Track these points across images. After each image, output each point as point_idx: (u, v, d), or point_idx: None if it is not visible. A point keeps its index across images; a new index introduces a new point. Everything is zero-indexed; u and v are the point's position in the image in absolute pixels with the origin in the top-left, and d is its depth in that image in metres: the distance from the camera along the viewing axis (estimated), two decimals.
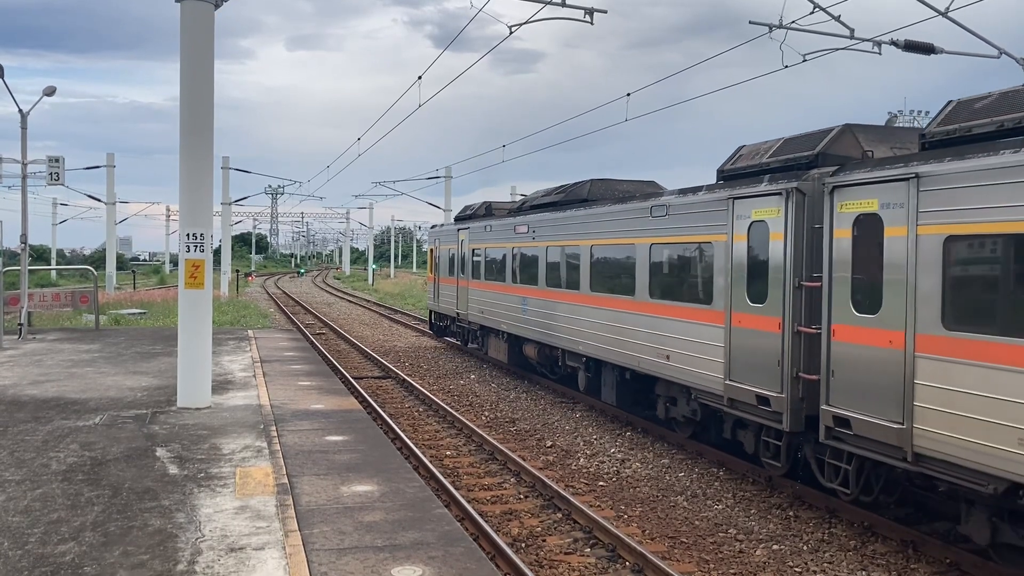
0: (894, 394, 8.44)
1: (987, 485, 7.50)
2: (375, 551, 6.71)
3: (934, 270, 8.05)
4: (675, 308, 12.57)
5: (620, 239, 14.37)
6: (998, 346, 7.29)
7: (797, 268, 10.01)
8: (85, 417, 11.52)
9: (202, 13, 11.96)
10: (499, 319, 20.66)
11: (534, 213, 18.85)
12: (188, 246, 12.12)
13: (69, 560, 6.31)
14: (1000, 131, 8.01)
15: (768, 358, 10.35)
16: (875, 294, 8.79)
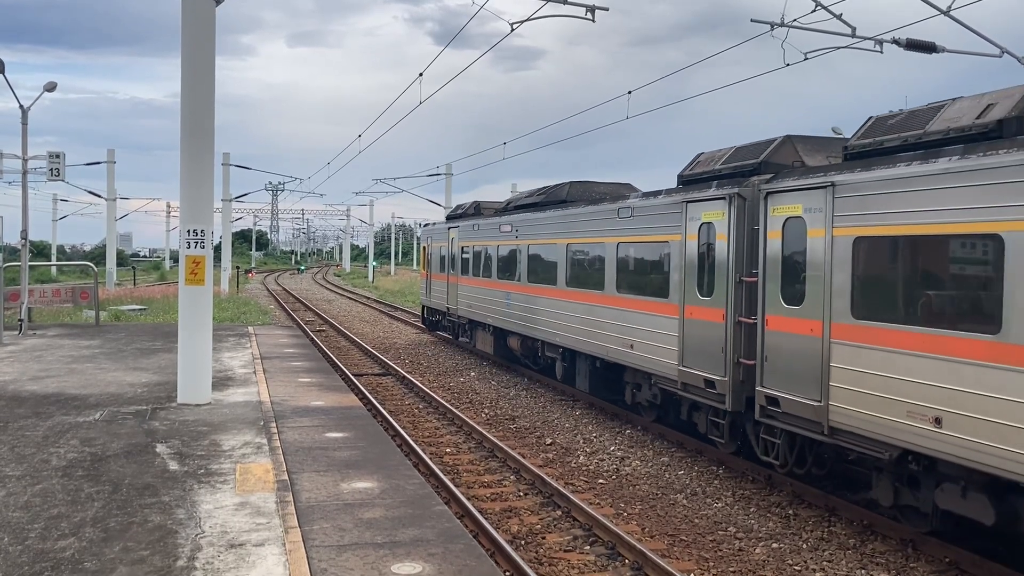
0: (813, 375, 9.57)
1: (885, 453, 8.72)
2: (375, 548, 6.71)
3: (846, 267, 9.15)
4: (638, 301, 13.72)
5: (592, 238, 15.50)
6: (896, 333, 8.47)
7: (738, 265, 11.12)
8: (85, 413, 11.52)
9: (203, 9, 11.95)
10: (485, 313, 21.70)
11: (518, 213, 19.93)
12: (189, 242, 12.12)
13: (69, 556, 6.31)
14: (903, 146, 9.07)
15: (714, 346, 11.47)
16: (800, 288, 9.90)
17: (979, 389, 7.54)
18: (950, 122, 8.71)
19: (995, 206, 7.46)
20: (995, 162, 7.50)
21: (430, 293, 27.84)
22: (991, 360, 7.42)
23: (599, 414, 15.89)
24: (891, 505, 9.11)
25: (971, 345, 7.60)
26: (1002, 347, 7.29)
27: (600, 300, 15.05)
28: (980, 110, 8.47)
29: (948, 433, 7.84)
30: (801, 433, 9.85)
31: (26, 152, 22.11)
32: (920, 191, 8.28)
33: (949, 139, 8.60)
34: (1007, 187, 7.32)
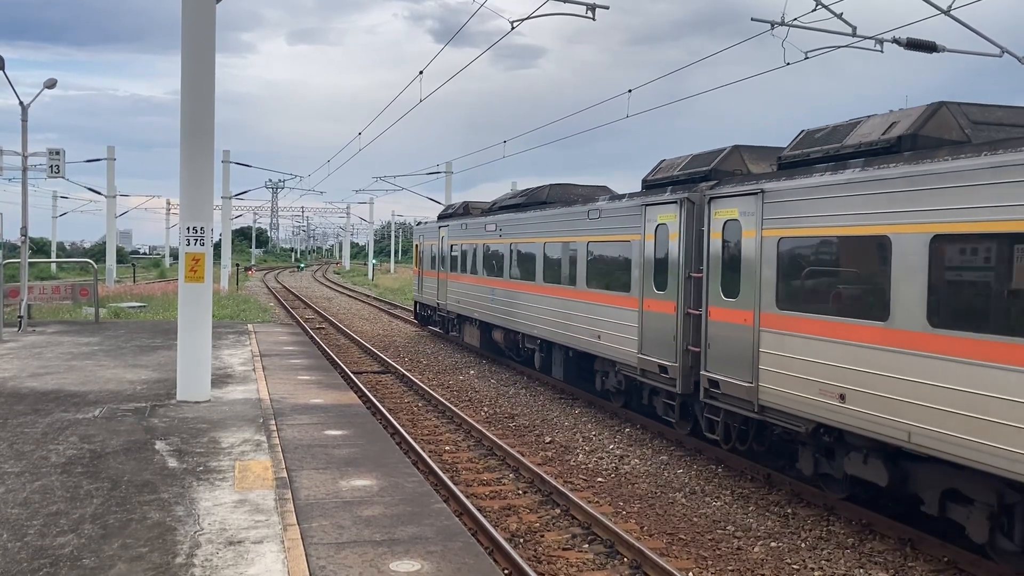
0: (746, 360, 10.81)
1: (802, 426, 9.91)
2: (374, 545, 6.72)
3: (772, 263, 10.37)
4: (604, 296, 15.00)
5: (566, 237, 16.76)
6: (810, 321, 9.72)
7: (687, 262, 12.37)
8: (84, 410, 11.53)
9: (203, 6, 11.94)
10: (472, 308, 22.93)
11: (502, 213, 21.16)
12: (188, 240, 12.12)
13: (68, 552, 6.32)
14: (824, 157, 10.17)
15: (667, 335, 12.77)
16: (736, 282, 11.11)
17: (872, 369, 8.76)
18: (862, 137, 9.79)
19: (885, 212, 8.67)
20: (886, 174, 8.71)
21: (422, 289, 29.01)
22: (881, 344, 8.67)
23: (598, 412, 15.90)
24: (812, 474, 10.30)
25: (867, 331, 8.85)
26: (890, 332, 8.56)
27: (572, 295, 16.30)
28: (886, 127, 9.54)
29: (850, 408, 9.06)
30: (737, 411, 11.15)
31: (26, 149, 22.10)
32: (830, 198, 9.50)
33: (859, 152, 9.66)
34: (895, 195, 8.55)
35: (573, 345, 16.28)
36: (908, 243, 8.35)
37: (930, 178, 8.17)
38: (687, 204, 12.37)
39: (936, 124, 9.06)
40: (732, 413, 11.33)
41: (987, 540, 8.02)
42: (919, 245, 8.22)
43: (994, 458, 7.39)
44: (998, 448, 7.34)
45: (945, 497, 8.52)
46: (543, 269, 17.85)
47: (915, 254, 8.27)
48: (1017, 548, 7.75)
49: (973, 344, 7.62)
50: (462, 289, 24.00)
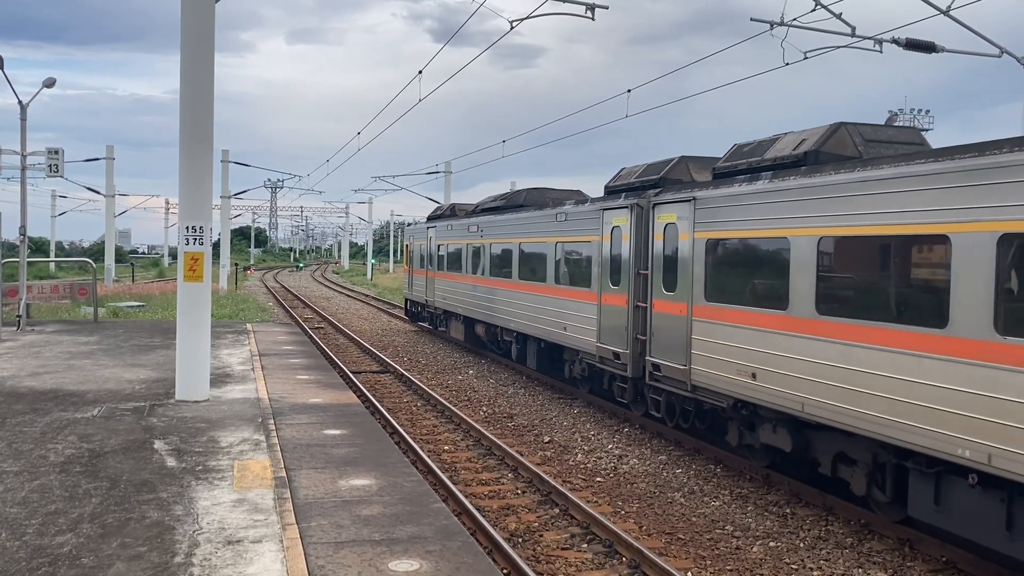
0: (681, 345, 12.29)
1: (724, 402, 11.42)
2: (372, 545, 6.72)
3: (701, 261, 11.89)
4: (570, 291, 16.46)
5: (538, 238, 18.28)
6: (729, 311, 11.21)
7: (637, 261, 13.79)
8: (83, 409, 11.52)
9: (203, 6, 11.94)
10: (457, 304, 24.41)
11: (483, 215, 22.61)
12: (187, 239, 12.11)
13: (67, 551, 6.32)
14: (747, 169, 11.53)
15: (620, 325, 14.22)
16: (674, 278, 12.64)
17: (775, 350, 10.23)
18: (777, 152, 11.06)
19: (786, 217, 10.10)
20: (787, 185, 10.15)
21: (412, 287, 30.60)
22: (782, 329, 10.15)
23: (597, 412, 15.90)
24: (737, 444, 11.70)
25: (771, 318, 10.32)
26: (788, 319, 10.02)
27: (542, 290, 17.88)
28: (797, 143, 10.82)
29: (760, 384, 10.52)
30: (675, 392, 12.64)
31: (25, 148, 22.08)
32: (746, 205, 10.96)
33: (774, 165, 10.97)
34: (793, 204, 10.01)
35: (544, 337, 17.80)
36: (802, 244, 9.82)
37: (818, 189, 9.61)
38: (636, 209, 13.84)
39: (835, 142, 10.41)
40: (672, 393, 12.91)
41: (865, 492, 9.38)
42: (810, 245, 9.70)
43: (869, 424, 8.75)
44: (871, 415, 8.71)
45: (836, 459, 9.90)
46: (518, 267, 19.41)
47: (807, 253, 9.73)
48: (887, 499, 9.09)
49: (847, 328, 9.11)
50: (448, 287, 25.33)
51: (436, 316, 27.39)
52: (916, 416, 8.17)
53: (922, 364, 8.12)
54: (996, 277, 7.43)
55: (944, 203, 7.97)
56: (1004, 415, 7.26)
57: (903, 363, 8.35)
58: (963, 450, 7.66)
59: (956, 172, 7.89)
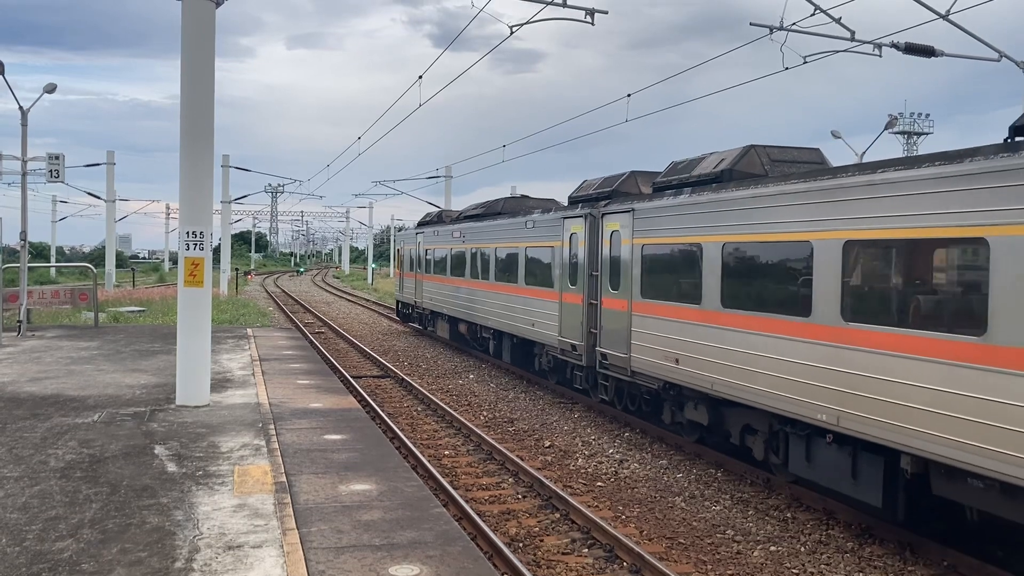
0: (624, 337, 14.01)
1: (655, 384, 13.26)
2: (373, 550, 6.71)
3: (639, 264, 13.61)
4: (537, 291, 18.26)
5: (511, 243, 20.10)
6: (659, 305, 12.97)
7: (590, 263, 15.49)
8: (84, 414, 11.52)
9: (203, 11, 11.96)
10: (442, 304, 26.14)
11: (466, 222, 24.33)
12: (188, 244, 12.12)
13: (67, 557, 6.31)
14: (677, 184, 13.23)
15: (577, 320, 15.96)
16: (618, 278, 14.39)
17: (692, 339, 11.98)
18: (702, 169, 12.68)
19: (699, 226, 11.93)
20: (699, 199, 12.00)
21: (402, 289, 32.46)
22: (697, 320, 11.90)
23: (598, 417, 15.89)
24: (670, 422, 13.42)
25: (689, 311, 12.10)
26: (702, 312, 11.81)
27: (514, 291, 19.68)
28: (717, 163, 12.37)
29: (682, 368, 12.26)
30: (619, 377, 14.41)
31: (25, 153, 22.10)
32: (671, 215, 12.72)
33: (697, 181, 12.67)
34: (703, 215, 11.82)
35: (516, 333, 19.62)
36: (711, 248, 11.58)
37: (723, 203, 11.40)
38: (589, 218, 15.58)
39: (747, 162, 11.97)
40: (617, 379, 14.74)
41: (763, 457, 11.08)
42: (716, 250, 11.44)
43: (761, 398, 10.38)
44: (762, 390, 10.34)
45: (743, 431, 11.52)
46: (494, 270, 21.24)
47: (715, 256, 11.48)
48: (780, 461, 10.65)
49: (745, 318, 10.74)
50: (435, 288, 27.08)
51: (424, 316, 29.11)
52: (790, 389, 9.87)
53: (794, 346, 9.84)
54: (842, 275, 9.14)
55: (807, 216, 9.71)
56: (848, 385, 8.99)
57: (782, 346, 10.06)
58: (821, 415, 9.40)
59: (815, 191, 9.61)
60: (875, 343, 8.64)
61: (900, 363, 8.33)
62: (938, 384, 7.90)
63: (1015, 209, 7.23)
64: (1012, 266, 7.20)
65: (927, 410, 7.98)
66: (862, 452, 9.15)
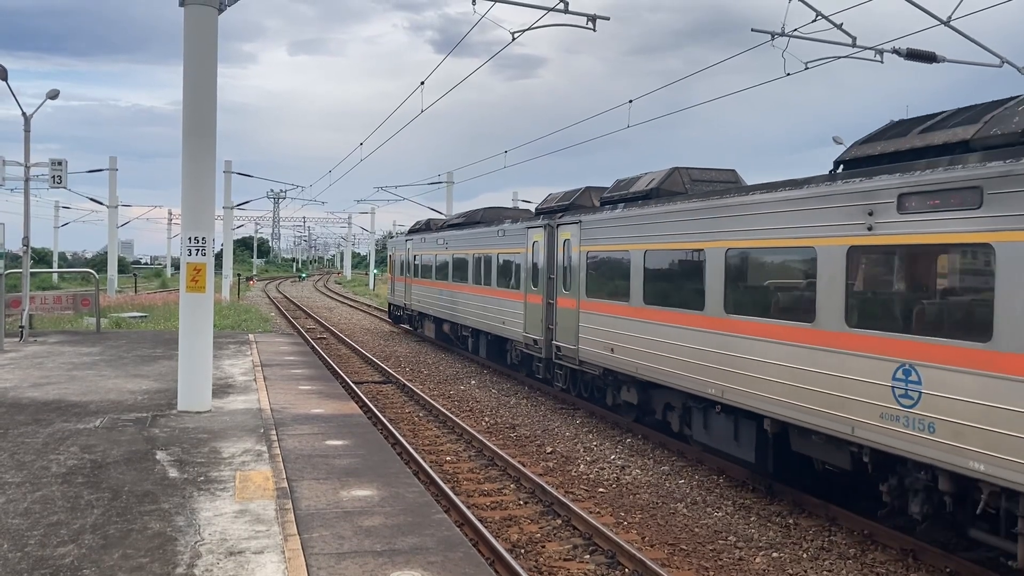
0: (573, 331, 16.20)
1: (597, 371, 15.34)
2: (374, 556, 6.70)
3: (584, 268, 15.85)
4: (506, 292, 20.42)
5: (486, 250, 22.24)
6: (600, 303, 15.12)
7: (548, 268, 17.76)
8: (85, 420, 11.52)
9: (206, 17, 11.99)
10: (428, 306, 28.23)
11: (448, 230, 26.67)
12: (190, 250, 12.13)
13: (68, 563, 6.31)
14: (618, 199, 15.20)
15: (538, 318, 18.22)
16: (569, 281, 16.70)
17: (623, 331, 14.08)
18: (637, 187, 14.67)
19: (628, 236, 14.08)
20: (629, 213, 14.17)
21: (394, 293, 34.68)
22: (625, 315, 14.00)
23: (600, 423, 15.88)
24: (611, 404, 15.56)
25: (620, 308, 14.22)
26: (629, 308, 13.93)
27: (488, 293, 21.77)
28: (648, 181, 14.38)
29: (616, 356, 14.33)
30: (569, 366, 16.69)
31: (28, 159, 22.14)
32: (608, 227, 14.93)
33: (632, 198, 14.68)
34: (630, 227, 14.01)
35: (491, 330, 21.72)
36: (636, 255, 13.78)
37: (644, 216, 13.61)
38: (548, 228, 17.84)
39: (671, 181, 13.89)
40: (569, 368, 16.88)
41: (679, 430, 13.15)
42: (640, 256, 13.62)
43: (676, 379, 12.40)
44: (676, 373, 12.35)
45: (664, 408, 13.52)
46: (472, 274, 23.35)
47: (639, 261, 13.67)
48: (690, 433, 12.71)
49: (660, 313, 12.98)
50: (422, 291, 29.26)
51: (413, 317, 31.24)
52: (692, 370, 11.95)
53: (693, 334, 11.98)
54: (725, 276, 11.27)
55: (700, 229, 11.93)
56: (730, 364, 11.01)
57: (685, 335, 12.20)
58: (711, 389, 11.45)
59: (706, 208, 11.83)
60: (747, 330, 10.75)
61: (761, 345, 10.43)
62: (784, 361, 9.97)
63: (834, 225, 9.27)
64: (830, 267, 9.33)
65: (780, 382, 10.02)
66: (741, 419, 11.21)
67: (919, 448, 8.12)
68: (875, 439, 8.63)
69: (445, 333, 26.94)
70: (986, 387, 7.45)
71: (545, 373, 18.30)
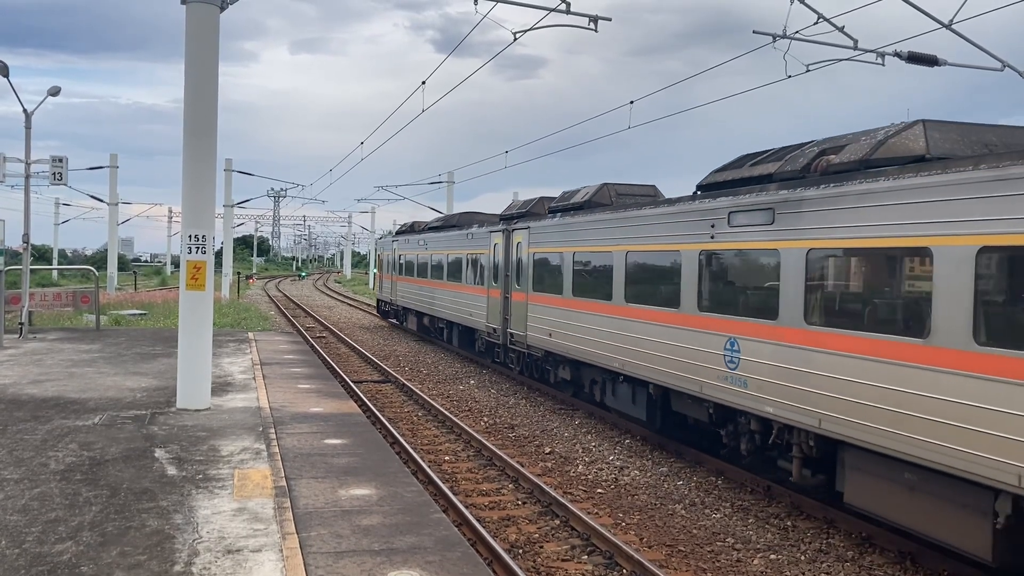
0: (523, 320, 18.86)
1: (540, 353, 18.17)
2: (372, 555, 6.71)
3: (532, 267, 18.57)
4: (473, 288, 23.24)
5: (457, 251, 25.28)
6: (542, 296, 17.84)
7: (505, 267, 20.44)
8: (84, 417, 11.52)
9: (207, 15, 12.00)
10: (411, 301, 30.98)
11: (429, 233, 29.72)
12: (190, 248, 12.13)
13: (66, 560, 6.31)
14: (560, 209, 17.92)
15: (497, 310, 20.87)
16: (520, 278, 19.42)
17: (558, 319, 16.88)
18: (576, 199, 17.20)
19: (563, 241, 16.86)
20: (565, 220, 16.91)
21: (382, 289, 37.69)
22: (560, 305, 16.80)
23: (598, 423, 15.88)
24: (553, 382, 18.19)
25: (556, 300, 17.02)
26: (562, 299, 16.69)
27: (459, 288, 24.68)
28: (584, 194, 16.90)
29: (554, 340, 17.04)
30: (520, 351, 19.52)
31: (29, 156, 22.13)
32: (548, 233, 17.73)
33: (570, 208, 17.38)
34: (564, 232, 16.81)
35: (460, 322, 24.49)
36: (567, 256, 16.60)
37: (574, 224, 16.44)
38: (505, 232, 20.63)
39: (600, 195, 16.51)
40: (520, 352, 19.67)
41: (600, 399, 15.67)
42: (570, 257, 16.44)
43: (594, 357, 15.07)
44: (595, 352, 15.01)
45: (591, 383, 15.98)
46: (447, 272, 26.19)
47: (569, 261, 16.51)
48: (611, 403, 15.14)
49: (582, 303, 15.67)
50: (405, 288, 31.95)
51: (399, 312, 33.96)
52: (604, 348, 14.65)
53: (604, 320, 14.77)
54: (625, 273, 14.18)
55: (610, 236, 14.66)
56: (627, 343, 13.84)
57: (599, 320, 14.96)
58: (616, 364, 14.26)
59: (614, 219, 14.62)
60: (638, 316, 13.62)
61: (646, 327, 13.31)
62: (660, 339, 12.83)
63: (691, 234, 12.17)
64: (689, 265, 12.15)
65: (659, 355, 12.82)
66: (636, 386, 14.04)
67: (739, 400, 10.89)
68: (715, 395, 11.40)
69: (425, 325, 29.65)
70: (774, 352, 10.17)
71: (504, 358, 21.11)
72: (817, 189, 9.63)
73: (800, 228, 9.81)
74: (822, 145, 10.46)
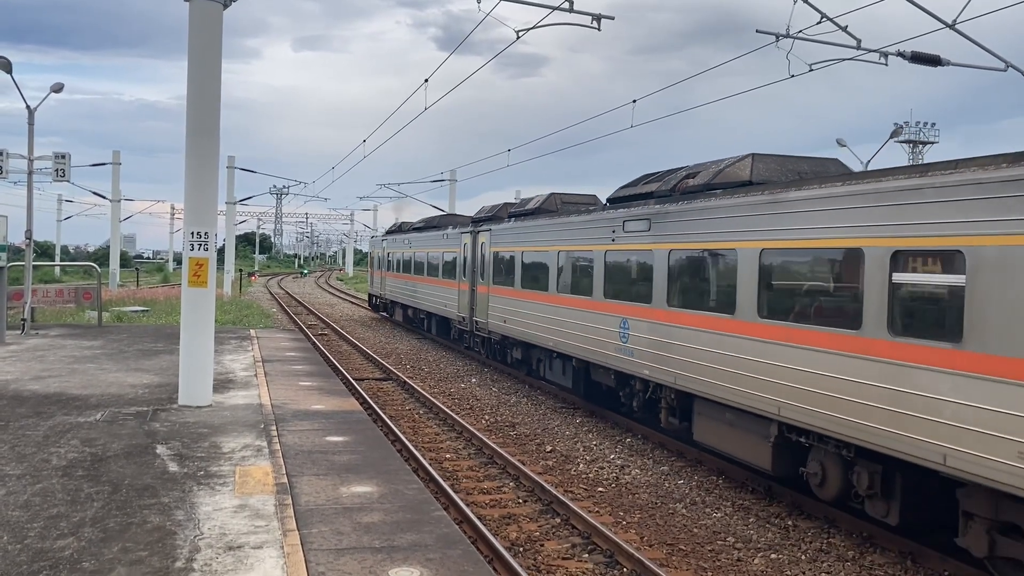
0: (485, 309, 21.54)
1: (499, 337, 20.96)
2: (373, 552, 6.72)
3: (492, 264, 21.29)
4: (448, 282, 26.00)
5: (435, 249, 28.01)
6: (501, 288, 20.54)
7: (473, 264, 23.19)
8: (86, 413, 11.54)
9: (211, 12, 12.00)
10: (398, 295, 33.66)
11: (412, 232, 32.66)
12: (192, 244, 12.14)
13: (68, 555, 6.33)
14: (518, 214, 20.57)
15: (466, 301, 23.68)
16: (484, 272, 22.04)
17: (510, 307, 19.56)
18: (530, 206, 19.98)
19: (516, 243, 19.58)
20: (522, 224, 19.59)
21: (372, 284, 40.41)
22: (514, 296, 19.41)
23: (599, 422, 15.89)
24: (509, 361, 20.87)
25: (510, 292, 19.60)
26: (514, 291, 19.39)
27: (436, 283, 27.45)
28: (536, 202, 19.67)
29: (508, 326, 19.80)
30: (484, 336, 22.09)
31: (32, 152, 22.16)
32: (506, 234, 20.39)
33: (523, 213, 20.16)
34: (519, 234, 19.50)
35: (438, 312, 27.26)
36: (518, 255, 19.30)
37: (523, 228, 19.34)
38: (472, 234, 23.49)
39: (548, 202, 19.29)
40: (483, 337, 22.35)
41: (543, 374, 18.50)
42: (520, 256, 19.18)
43: (537, 340, 17.97)
44: (538, 335, 17.87)
45: (538, 362, 18.74)
46: (426, 268, 28.87)
47: (519, 259, 19.20)
48: (549, 376, 18.00)
49: (531, 294, 18.38)
50: (393, 283, 34.68)
51: (387, 305, 36.57)
52: (544, 331, 17.49)
53: (543, 307, 17.60)
54: (558, 268, 17.04)
55: (549, 237, 17.54)
56: (557, 325, 16.70)
57: (540, 307, 17.80)
58: (550, 343, 17.14)
59: (554, 223, 17.48)
60: (565, 303, 16.49)
61: (569, 311, 16.22)
62: (578, 320, 15.73)
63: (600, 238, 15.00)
64: (598, 264, 15.07)
65: (577, 334, 15.70)
66: (566, 361, 16.91)
67: (629, 367, 13.81)
68: (615, 364, 14.26)
69: (409, 316, 32.63)
70: (649, 327, 13.15)
71: (470, 342, 24.03)
72: (676, 205, 12.62)
73: (666, 234, 12.84)
74: (689, 171, 13.26)
